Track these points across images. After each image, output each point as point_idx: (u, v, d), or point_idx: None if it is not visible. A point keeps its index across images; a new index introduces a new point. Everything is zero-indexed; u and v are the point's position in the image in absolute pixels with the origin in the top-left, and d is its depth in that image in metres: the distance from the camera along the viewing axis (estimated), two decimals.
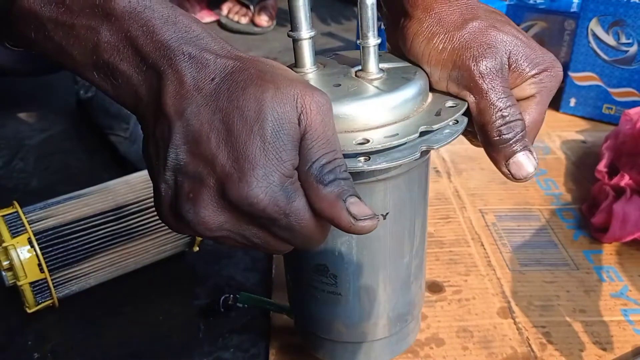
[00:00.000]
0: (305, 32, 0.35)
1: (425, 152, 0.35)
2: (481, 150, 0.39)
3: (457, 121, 0.36)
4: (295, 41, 0.36)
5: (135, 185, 0.59)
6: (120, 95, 0.33)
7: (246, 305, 0.55)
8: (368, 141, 0.33)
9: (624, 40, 0.82)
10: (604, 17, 0.82)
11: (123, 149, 0.77)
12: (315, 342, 0.45)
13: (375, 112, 0.34)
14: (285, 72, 0.32)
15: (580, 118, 0.90)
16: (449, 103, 0.36)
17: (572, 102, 0.89)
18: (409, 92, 0.35)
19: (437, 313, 0.55)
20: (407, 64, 0.39)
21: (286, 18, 1.38)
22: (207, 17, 1.37)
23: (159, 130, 0.31)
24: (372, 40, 0.36)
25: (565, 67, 0.90)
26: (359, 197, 0.31)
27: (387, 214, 0.38)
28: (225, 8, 1.33)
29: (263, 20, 1.29)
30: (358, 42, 0.36)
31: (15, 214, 0.55)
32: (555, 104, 0.92)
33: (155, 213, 0.58)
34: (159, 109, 0.31)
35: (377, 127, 0.34)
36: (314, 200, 0.31)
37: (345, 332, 0.42)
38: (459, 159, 0.79)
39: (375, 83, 0.36)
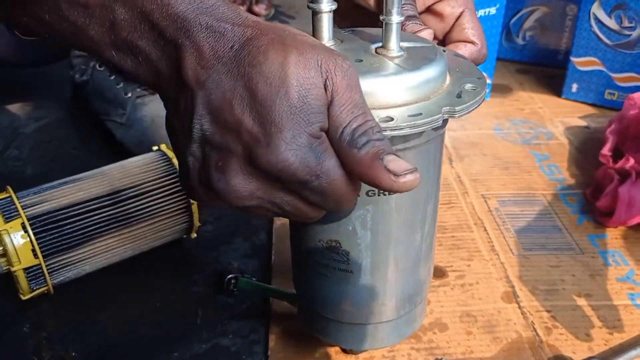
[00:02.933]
0: (326, 4, 0.34)
1: (446, 121, 0.35)
2: (483, 136, 0.40)
3: (477, 91, 0.36)
4: (315, 13, 0.35)
5: (131, 170, 0.58)
6: (141, 73, 0.32)
7: (236, 290, 0.54)
8: (392, 119, 0.33)
9: (626, 24, 0.81)
10: (607, 0, 0.81)
11: (119, 134, 0.76)
12: (320, 324, 0.44)
13: (398, 90, 0.34)
14: (307, 38, 0.32)
15: (583, 104, 0.89)
16: (468, 85, 0.36)
17: (574, 87, 0.88)
18: (431, 71, 0.35)
19: (440, 298, 0.54)
20: (426, 43, 0.38)
21: (286, 6, 1.37)
22: None
23: (182, 102, 0.31)
24: (396, 17, 0.35)
25: (567, 53, 0.89)
26: (396, 155, 0.30)
27: None
28: None
29: (261, 8, 1.27)
30: (381, 17, 0.36)
31: (9, 198, 0.53)
32: (557, 89, 0.91)
33: (153, 198, 0.57)
34: (180, 81, 0.31)
35: (399, 106, 0.34)
36: (351, 165, 0.31)
37: (353, 313, 0.41)
38: (460, 145, 0.78)
39: (397, 61, 0.35)
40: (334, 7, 0.35)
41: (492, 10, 0.82)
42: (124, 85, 0.76)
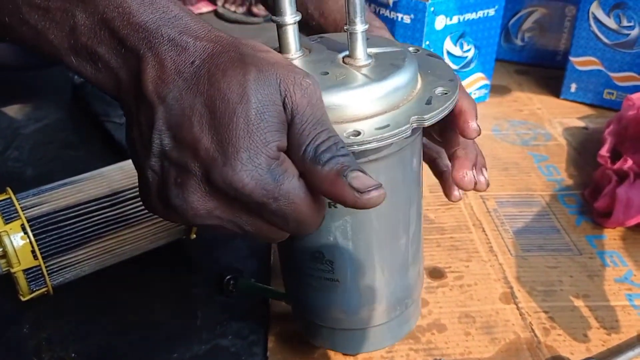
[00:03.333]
0: (290, 16, 0.34)
1: (416, 130, 0.34)
2: (482, 137, 0.41)
3: (447, 95, 0.35)
4: (280, 26, 0.35)
5: (130, 171, 0.58)
6: (100, 80, 0.32)
7: (235, 291, 0.54)
8: (359, 133, 0.32)
9: (625, 23, 0.81)
10: None
11: (119, 135, 0.76)
12: (314, 330, 0.44)
13: (365, 102, 0.33)
14: (267, 55, 0.31)
15: (581, 104, 0.89)
16: (439, 90, 0.36)
17: (573, 87, 0.88)
18: (398, 80, 0.34)
19: (438, 299, 0.54)
20: (394, 47, 0.38)
21: None
22: (204, 7, 1.35)
23: (143, 115, 0.31)
24: (360, 27, 0.35)
25: (566, 54, 0.89)
26: (362, 171, 0.30)
27: None
28: None
29: (260, 9, 1.28)
30: (345, 27, 0.35)
31: (9, 200, 0.54)
32: (556, 90, 0.91)
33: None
34: (140, 93, 0.30)
35: (367, 118, 0.33)
36: (315, 183, 0.30)
37: (344, 319, 0.41)
38: None
39: (364, 71, 0.35)
40: (298, 18, 0.34)
41: (491, 12, 0.82)
42: None
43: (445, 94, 0.35)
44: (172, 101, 0.30)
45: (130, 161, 0.60)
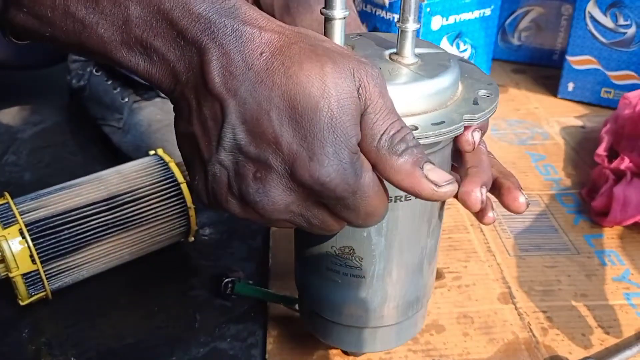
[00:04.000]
0: (340, 11, 0.34)
1: (468, 127, 0.35)
2: None
3: (491, 98, 0.36)
4: (328, 20, 0.35)
5: (127, 175, 0.58)
6: (154, 75, 0.31)
7: (233, 295, 0.54)
8: (417, 128, 0.33)
9: (622, 22, 0.81)
10: None
11: (116, 139, 0.76)
12: (323, 326, 0.44)
13: (419, 98, 0.34)
14: (335, 46, 0.31)
15: (579, 103, 0.89)
16: (482, 92, 0.37)
17: (570, 86, 0.88)
18: (448, 79, 0.35)
19: (437, 300, 0.54)
20: (438, 49, 0.38)
21: None
22: None
23: (208, 110, 0.30)
24: (412, 25, 0.35)
25: (563, 53, 0.89)
26: (433, 163, 0.30)
27: None
28: None
29: None
30: (398, 25, 0.35)
31: (6, 205, 0.54)
32: (553, 89, 0.91)
33: (150, 202, 0.57)
34: (204, 87, 0.29)
35: (420, 114, 0.34)
36: (389, 173, 0.30)
37: (360, 316, 0.42)
38: None
39: (413, 68, 0.35)
40: (347, 13, 0.34)
41: (487, 12, 0.82)
42: (120, 90, 0.76)
43: (489, 96, 0.36)
44: (246, 94, 0.29)
45: (127, 165, 0.60)
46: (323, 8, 0.35)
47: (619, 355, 0.47)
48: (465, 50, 0.83)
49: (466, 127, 0.35)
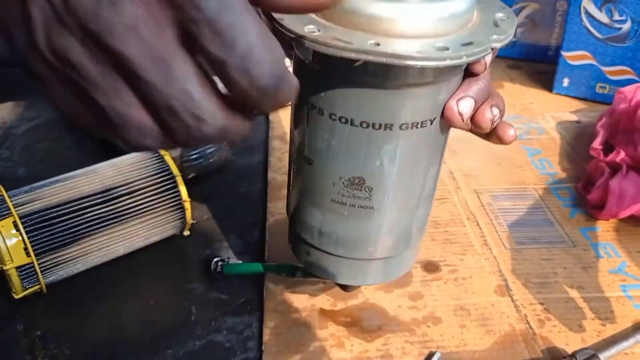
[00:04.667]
0: None
1: (495, 49, 0.35)
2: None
3: (510, 20, 0.36)
4: None
5: (123, 168, 0.58)
6: None
7: (223, 273, 0.54)
8: (447, 48, 0.31)
9: (617, 17, 0.81)
10: None
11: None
12: (324, 263, 0.44)
13: (446, 18, 0.33)
14: None
15: (574, 98, 0.89)
16: (499, 15, 0.36)
17: (566, 82, 0.89)
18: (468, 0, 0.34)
19: (433, 292, 0.54)
20: None
21: None
22: None
23: None
24: None
25: (558, 49, 0.89)
26: None
27: (434, 119, 0.37)
28: None
29: None
30: None
31: (0, 197, 0.53)
32: (548, 84, 0.91)
33: (145, 195, 0.57)
34: None
35: (446, 35, 0.33)
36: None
37: (367, 248, 0.41)
38: (453, 141, 0.77)
39: None
40: None
41: None
42: None
43: (508, 18, 0.35)
44: None
45: (122, 157, 0.60)
46: None
47: (615, 347, 0.47)
48: None
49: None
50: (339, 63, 0.32)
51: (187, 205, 0.59)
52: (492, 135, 0.40)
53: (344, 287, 0.48)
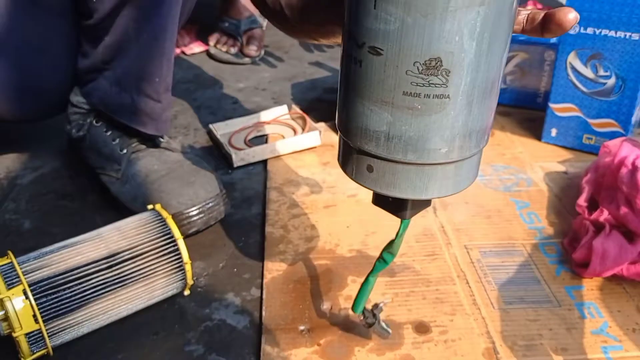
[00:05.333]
0: None
1: None
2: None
3: None
4: None
5: (127, 232, 0.61)
6: None
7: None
8: None
9: (602, 72, 0.84)
10: (582, 50, 0.84)
11: (115, 189, 0.78)
12: (391, 175, 0.40)
13: None
14: None
15: (562, 148, 0.92)
16: None
17: (554, 132, 0.92)
18: None
19: (424, 355, 0.56)
20: None
21: (275, 47, 1.40)
22: (197, 47, 1.38)
23: None
24: None
25: (547, 95, 0.93)
26: None
27: None
28: (213, 39, 1.35)
29: (252, 50, 1.31)
30: None
31: (10, 264, 0.56)
32: (537, 132, 0.94)
33: (148, 259, 0.59)
34: None
35: None
36: None
37: (442, 148, 0.38)
38: None
39: None
40: None
41: None
42: (119, 141, 0.78)
43: None
44: None
45: (127, 220, 0.62)
46: None
47: None
48: None
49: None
50: None
51: (188, 267, 0.61)
52: (550, 21, 0.39)
53: (404, 212, 0.44)
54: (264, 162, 0.91)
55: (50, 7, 0.75)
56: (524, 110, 1.03)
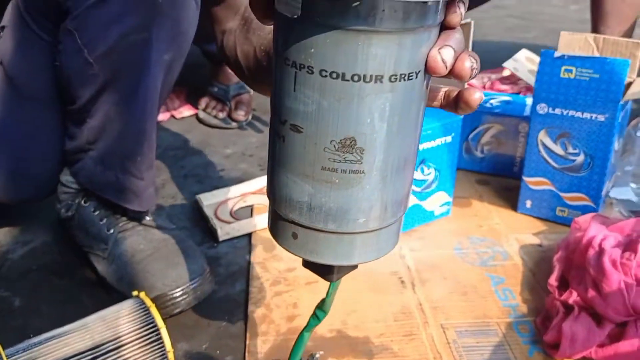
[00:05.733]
0: None
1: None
2: (444, 257, 0.42)
3: None
4: None
5: (111, 322, 0.63)
6: None
7: None
8: None
9: (571, 150, 0.88)
10: (551, 129, 0.89)
11: (101, 269, 0.80)
12: (313, 242, 0.42)
13: None
14: None
15: (537, 219, 0.95)
16: None
17: (528, 203, 0.95)
18: None
19: None
20: None
21: (262, 110, 1.44)
22: (186, 111, 1.42)
23: None
24: None
25: (522, 165, 0.96)
26: None
27: (419, 72, 0.37)
28: (202, 103, 1.39)
29: (240, 114, 1.35)
30: None
31: None
32: (513, 202, 0.98)
33: (132, 349, 0.61)
34: None
35: None
36: None
37: (360, 219, 0.40)
38: (422, 267, 0.84)
39: None
40: None
41: (448, 139, 0.90)
42: (107, 220, 0.81)
43: None
44: None
45: (111, 309, 0.64)
46: None
47: None
48: (429, 174, 0.90)
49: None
50: (330, 10, 0.34)
51: (171, 355, 0.63)
52: (457, 102, 0.42)
53: (330, 275, 0.46)
54: (249, 234, 0.93)
55: (35, 96, 0.79)
56: (501, 178, 1.07)
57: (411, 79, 0.37)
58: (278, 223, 0.44)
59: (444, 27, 0.39)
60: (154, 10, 0.69)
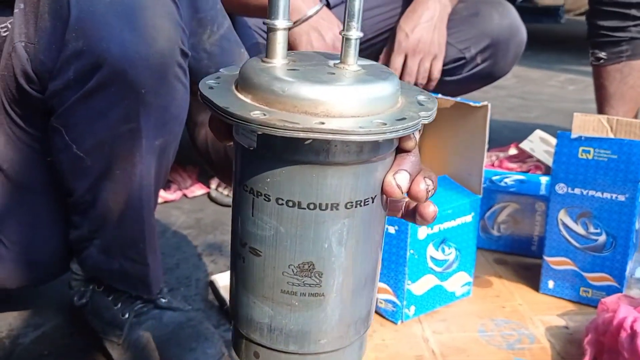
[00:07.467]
0: (283, 21, 0.36)
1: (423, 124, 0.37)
2: (468, 340, 0.41)
3: (432, 100, 0.39)
4: (271, 30, 0.37)
5: None
6: None
7: None
8: (385, 124, 0.34)
9: (592, 229, 0.88)
10: (571, 208, 0.88)
11: (116, 355, 0.78)
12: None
13: (380, 97, 0.36)
14: None
15: (560, 299, 0.93)
16: (421, 97, 0.39)
17: (550, 284, 0.93)
18: (396, 82, 0.38)
19: None
20: (377, 64, 0.41)
21: None
22: (198, 190, 1.43)
23: None
24: (355, 33, 0.37)
25: (540, 244, 0.95)
26: None
27: (375, 196, 0.38)
28: (214, 182, 1.40)
29: None
30: (342, 33, 0.37)
31: None
32: (534, 282, 0.96)
33: None
34: None
35: (379, 113, 0.36)
36: None
37: (321, 339, 0.40)
38: (447, 351, 0.81)
39: (360, 74, 0.37)
40: (290, 24, 0.37)
41: (468, 218, 0.89)
42: (122, 305, 0.79)
43: (429, 99, 0.39)
44: None
45: None
46: (267, 19, 0.37)
47: None
48: (450, 254, 0.89)
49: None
50: (284, 145, 0.35)
51: None
52: (415, 214, 0.42)
53: None
54: None
55: (31, 187, 0.78)
56: (519, 257, 1.06)
57: (367, 204, 0.38)
58: (240, 341, 0.43)
59: (400, 149, 0.40)
60: (138, 100, 0.67)
